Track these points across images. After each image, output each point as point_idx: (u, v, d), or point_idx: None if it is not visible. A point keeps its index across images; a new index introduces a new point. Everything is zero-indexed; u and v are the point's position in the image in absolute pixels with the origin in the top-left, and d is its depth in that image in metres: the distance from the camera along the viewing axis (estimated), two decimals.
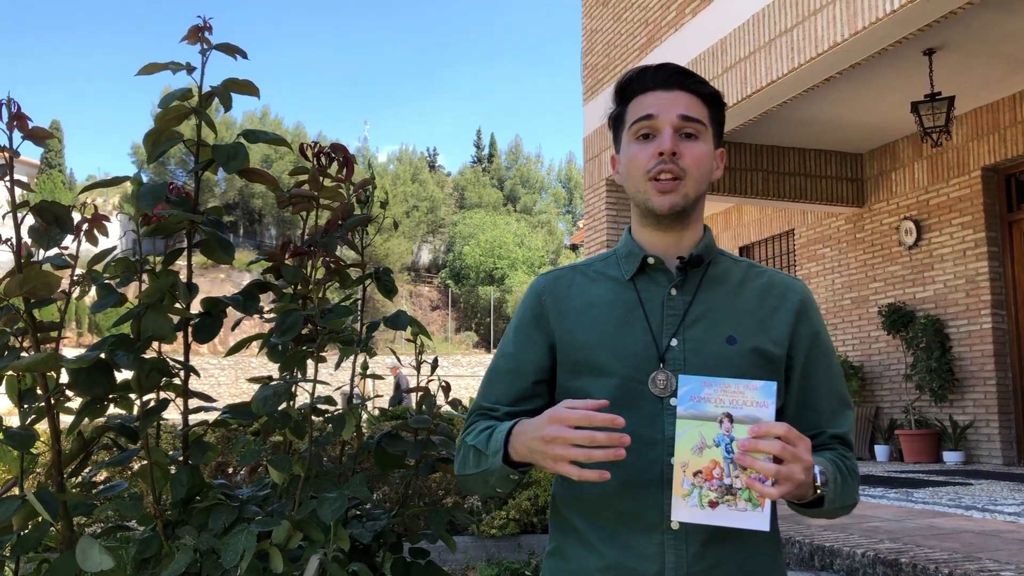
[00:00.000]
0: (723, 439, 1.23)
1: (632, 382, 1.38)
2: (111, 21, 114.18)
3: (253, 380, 1.85)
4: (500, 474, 1.38)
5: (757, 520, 1.21)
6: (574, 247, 45.76)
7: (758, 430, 1.20)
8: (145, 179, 1.86)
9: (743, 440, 1.20)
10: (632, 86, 1.47)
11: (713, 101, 1.47)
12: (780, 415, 1.45)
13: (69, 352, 1.86)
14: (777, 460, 1.20)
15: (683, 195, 1.42)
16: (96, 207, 1.93)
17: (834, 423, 1.46)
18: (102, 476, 4.51)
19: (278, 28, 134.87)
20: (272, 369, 1.96)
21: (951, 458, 9.29)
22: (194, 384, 1.94)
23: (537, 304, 1.52)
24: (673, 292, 1.44)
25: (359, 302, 2.19)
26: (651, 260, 1.46)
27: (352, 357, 2.08)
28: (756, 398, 1.24)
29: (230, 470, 5.17)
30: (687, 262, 1.44)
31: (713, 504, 1.22)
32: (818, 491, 1.28)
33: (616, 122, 1.52)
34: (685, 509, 1.24)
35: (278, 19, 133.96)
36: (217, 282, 33.75)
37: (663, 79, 1.44)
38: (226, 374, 31.01)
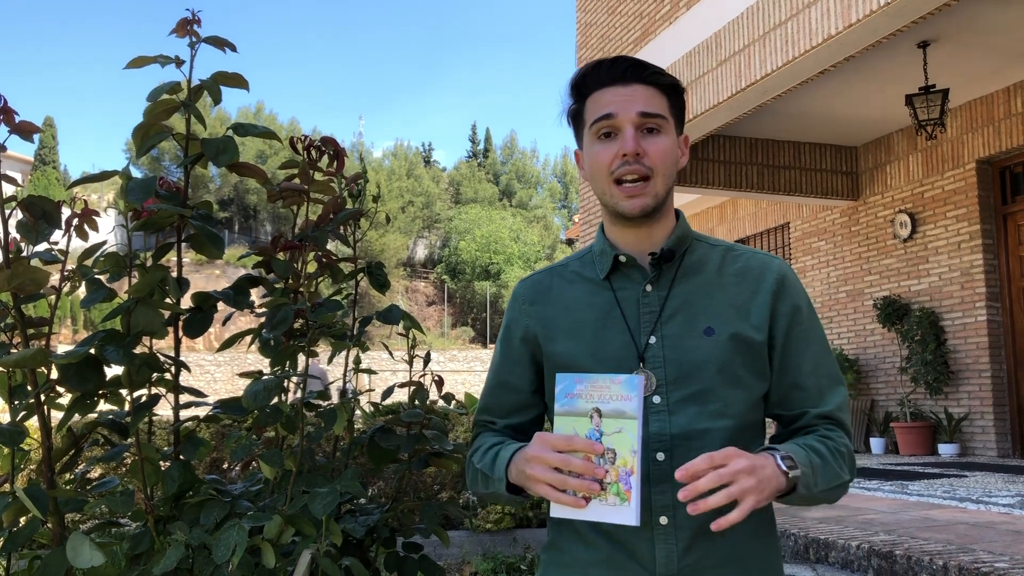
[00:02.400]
0: (593, 434, 1.24)
1: None
2: (106, 17, 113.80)
3: (244, 375, 1.84)
4: (507, 499, 1.42)
5: (625, 515, 1.20)
6: (570, 241, 45.76)
7: (684, 474, 1.18)
8: (139, 174, 1.85)
9: (683, 490, 1.18)
10: (587, 82, 1.45)
11: (672, 91, 1.45)
12: (766, 397, 1.44)
13: (64, 348, 1.85)
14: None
15: (653, 195, 1.40)
16: (86, 202, 1.92)
17: (820, 401, 1.42)
18: (96, 472, 4.50)
19: (274, 24, 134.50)
20: (266, 364, 1.96)
21: (946, 450, 9.31)
22: (190, 380, 1.94)
23: (518, 313, 1.53)
24: (648, 288, 1.43)
25: (352, 297, 2.18)
26: (623, 258, 1.45)
27: (345, 352, 2.08)
28: (621, 392, 1.23)
29: (224, 466, 5.17)
30: (659, 257, 1.43)
31: (586, 499, 1.22)
32: (788, 476, 1.25)
33: (575, 119, 1.49)
34: (558, 506, 1.24)
35: (274, 15, 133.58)
36: (212, 278, 33.71)
37: (619, 73, 1.42)
38: (222, 370, 31.02)
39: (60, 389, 1.77)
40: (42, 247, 1.80)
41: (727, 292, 1.43)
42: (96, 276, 1.77)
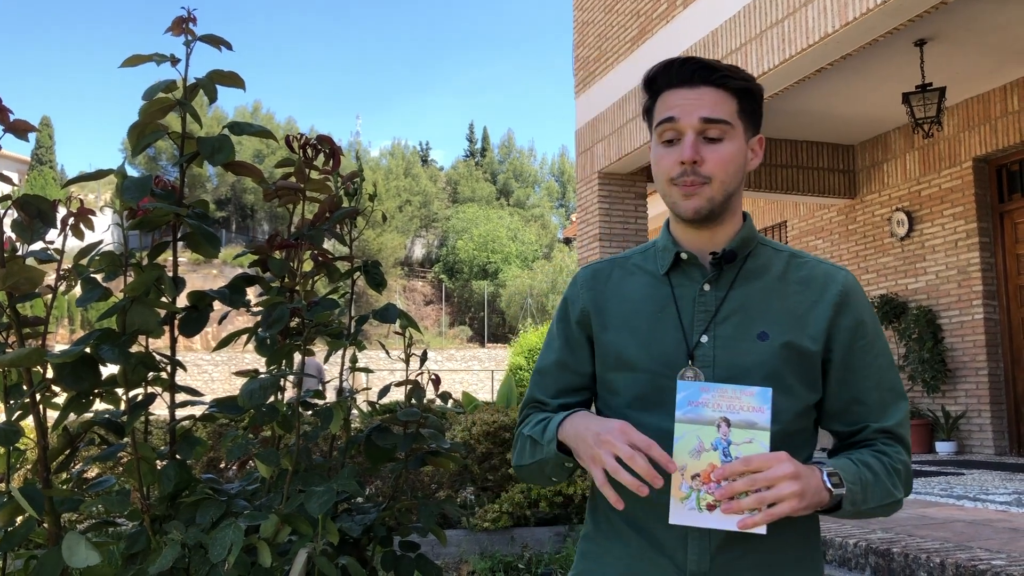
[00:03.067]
0: (720, 443, 1.25)
1: (660, 378, 1.38)
2: (104, 17, 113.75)
3: (239, 374, 1.84)
4: (554, 462, 1.40)
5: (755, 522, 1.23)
6: (567, 241, 45.78)
7: (721, 474, 1.22)
8: (137, 174, 1.85)
9: (719, 490, 1.22)
10: (658, 81, 1.44)
11: (744, 94, 1.42)
12: (822, 409, 1.44)
13: (62, 348, 1.85)
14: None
15: (708, 199, 1.39)
16: (82, 201, 1.92)
17: (882, 416, 1.42)
18: (94, 472, 4.49)
19: (271, 24, 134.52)
20: (264, 363, 1.95)
21: (943, 448, 9.32)
22: (187, 380, 1.93)
23: (579, 298, 1.53)
24: (706, 288, 1.42)
25: (349, 296, 2.18)
26: (684, 256, 1.45)
27: (341, 351, 2.07)
28: (753, 404, 1.26)
29: (222, 465, 5.16)
30: (720, 257, 1.42)
31: (711, 507, 1.24)
32: (832, 493, 1.27)
33: (648, 114, 1.49)
34: (683, 512, 1.25)
35: (271, 14, 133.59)
36: (210, 278, 33.68)
37: (687, 75, 1.40)
38: (220, 370, 30.98)
39: (56, 388, 1.77)
40: (38, 246, 1.79)
41: (787, 299, 1.42)
42: (91, 275, 1.77)
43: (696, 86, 1.40)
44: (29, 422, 1.80)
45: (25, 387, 1.75)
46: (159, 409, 2.07)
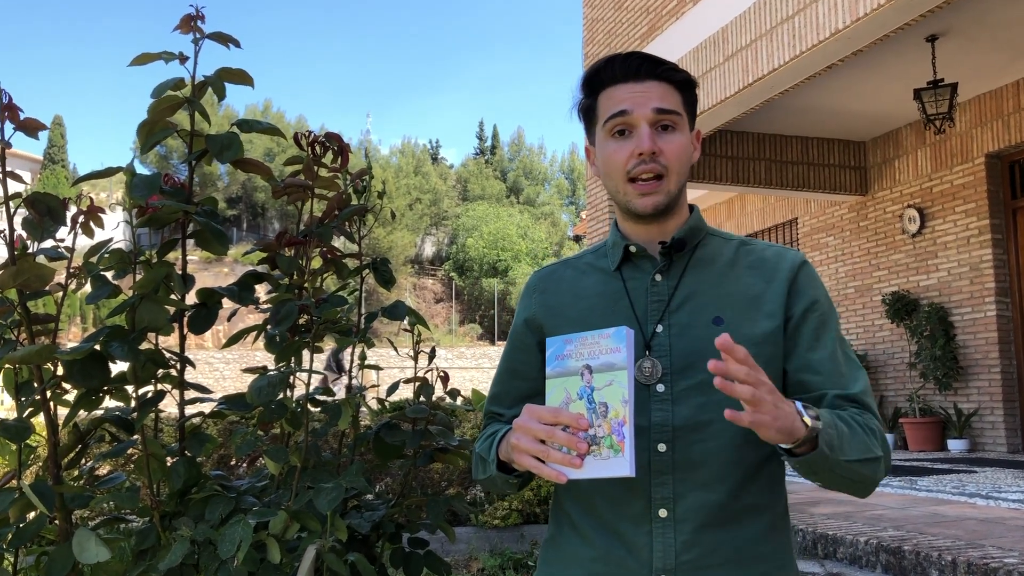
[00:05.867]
0: (585, 391, 1.23)
1: None
2: (117, 12, 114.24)
3: (248, 370, 1.85)
4: (500, 480, 1.40)
5: (619, 466, 1.17)
6: (577, 238, 45.72)
7: (722, 343, 1.11)
8: (147, 172, 1.85)
9: (716, 364, 1.13)
10: (600, 77, 1.43)
11: (686, 86, 1.44)
12: (781, 388, 1.38)
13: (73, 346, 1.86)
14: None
15: (666, 193, 1.39)
16: (92, 199, 1.92)
17: (841, 384, 1.35)
18: (105, 469, 4.51)
19: (281, 22, 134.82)
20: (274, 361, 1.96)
21: (955, 446, 9.27)
22: (199, 377, 1.95)
23: (529, 304, 1.54)
24: (657, 278, 1.42)
25: (358, 293, 2.18)
26: (633, 249, 1.44)
27: (350, 348, 2.08)
28: (610, 345, 1.23)
29: (232, 462, 5.18)
30: (669, 246, 1.42)
31: (581, 457, 1.20)
32: (807, 424, 1.17)
33: (587, 114, 1.48)
34: (557, 466, 1.22)
35: (280, 13, 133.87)
36: (221, 276, 33.79)
37: (632, 70, 1.40)
38: (231, 368, 31.06)
39: (66, 385, 1.78)
40: (48, 244, 1.80)
41: (740, 283, 1.41)
42: (101, 272, 1.77)
43: (643, 80, 1.40)
44: (40, 419, 1.81)
45: (36, 384, 1.76)
46: (169, 406, 2.07)
